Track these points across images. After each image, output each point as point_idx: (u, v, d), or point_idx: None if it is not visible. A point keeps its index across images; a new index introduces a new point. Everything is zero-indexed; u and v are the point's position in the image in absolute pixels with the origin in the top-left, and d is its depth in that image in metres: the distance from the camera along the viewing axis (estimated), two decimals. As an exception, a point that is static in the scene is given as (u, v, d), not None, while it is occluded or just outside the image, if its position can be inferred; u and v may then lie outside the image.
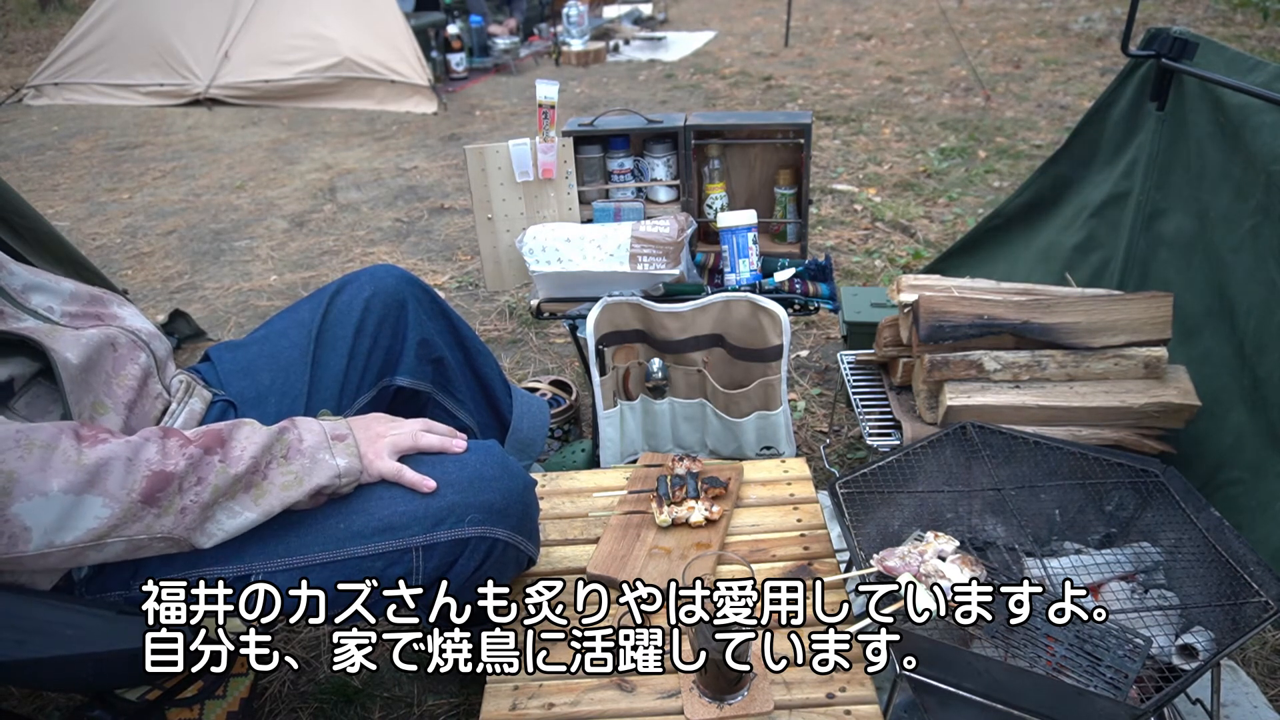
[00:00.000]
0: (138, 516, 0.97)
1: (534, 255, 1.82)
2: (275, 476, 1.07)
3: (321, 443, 1.12)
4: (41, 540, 0.92)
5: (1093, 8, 7.85)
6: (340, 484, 1.12)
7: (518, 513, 1.19)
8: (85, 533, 0.94)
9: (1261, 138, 1.63)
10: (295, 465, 1.09)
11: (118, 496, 0.95)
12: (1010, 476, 1.50)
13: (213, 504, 1.03)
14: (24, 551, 0.92)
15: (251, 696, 1.29)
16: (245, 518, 1.06)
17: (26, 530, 0.91)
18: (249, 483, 1.05)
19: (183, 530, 1.01)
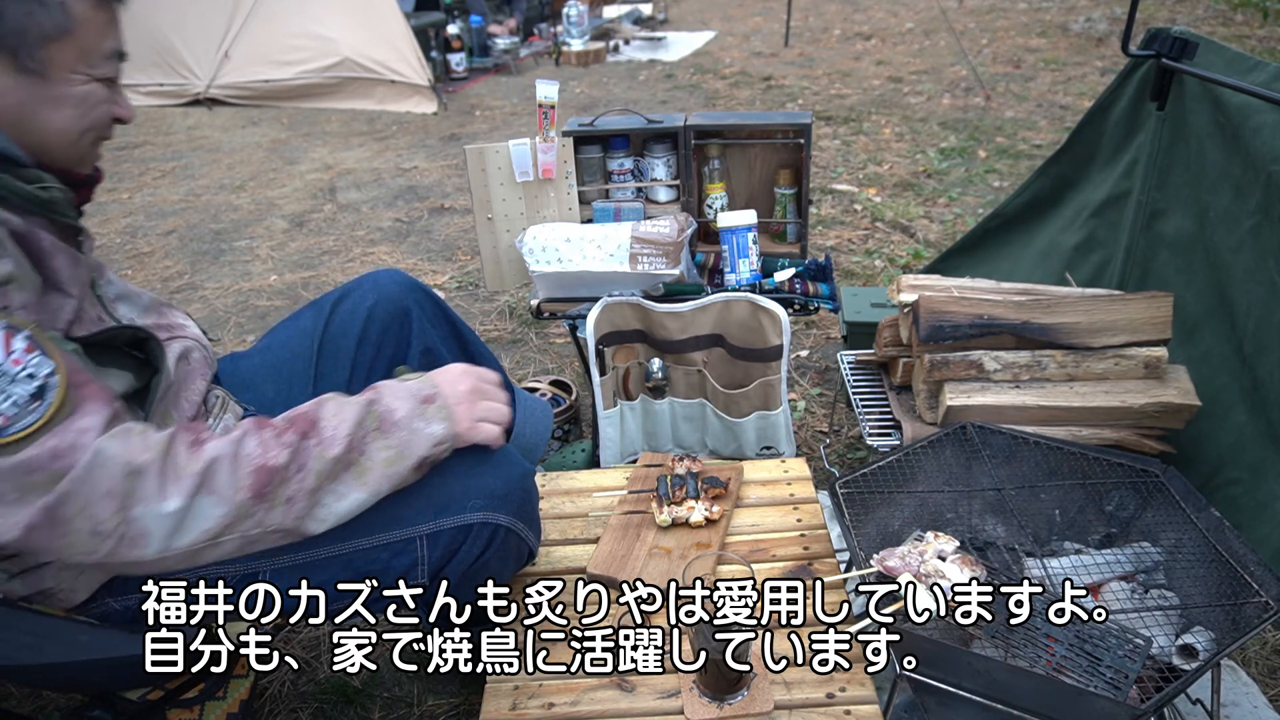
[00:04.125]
0: (249, 514, 0.98)
1: (534, 255, 1.82)
2: (375, 453, 1.06)
3: (414, 410, 1.09)
4: (160, 545, 0.94)
5: (1093, 8, 7.84)
6: (440, 451, 1.11)
7: (518, 499, 1.19)
8: (200, 534, 0.96)
9: (1261, 138, 1.63)
10: (394, 439, 1.07)
11: (227, 496, 0.96)
12: (1010, 476, 1.50)
13: (318, 489, 1.02)
14: (142, 555, 0.93)
15: (251, 697, 1.29)
16: (354, 498, 1.05)
17: (146, 535, 0.93)
18: (348, 462, 1.04)
19: (292, 520, 1.01)
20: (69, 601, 1.07)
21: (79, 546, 0.90)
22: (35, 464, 0.86)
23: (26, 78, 0.96)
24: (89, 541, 0.90)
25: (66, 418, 0.88)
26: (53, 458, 0.86)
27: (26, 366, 0.86)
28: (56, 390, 0.88)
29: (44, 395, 0.86)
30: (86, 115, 1.02)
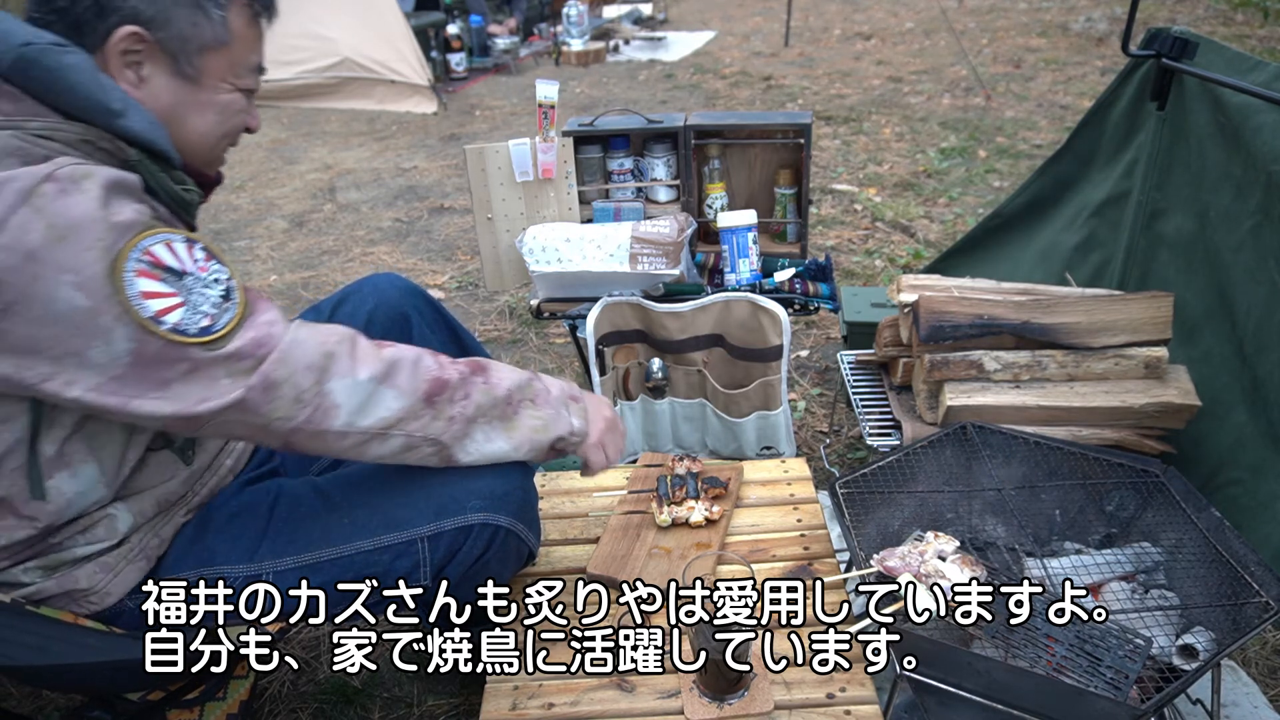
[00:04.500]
0: (418, 415, 1.07)
1: (534, 255, 1.82)
2: (525, 418, 1.17)
3: (562, 398, 1.23)
4: (345, 420, 1.03)
5: (1093, 8, 7.84)
6: (571, 441, 1.23)
7: (518, 499, 1.19)
8: (377, 420, 1.05)
9: (1262, 137, 1.63)
10: (543, 413, 1.19)
11: (406, 391, 1.06)
12: (1010, 476, 1.50)
13: (474, 419, 1.12)
14: (330, 426, 1.02)
15: (251, 698, 1.29)
16: (499, 445, 1.15)
17: (337, 407, 1.02)
18: (504, 413, 1.15)
19: (449, 437, 1.11)
20: (100, 604, 1.08)
21: (282, 410, 0.99)
22: (243, 353, 0.96)
23: (181, 82, 1.04)
24: (291, 407, 0.99)
25: (252, 314, 0.98)
26: (256, 346, 0.96)
27: (211, 272, 0.96)
28: (238, 291, 0.98)
29: (230, 296, 0.97)
30: (226, 122, 1.10)
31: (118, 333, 0.90)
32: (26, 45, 0.91)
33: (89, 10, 0.96)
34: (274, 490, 1.22)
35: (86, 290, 0.88)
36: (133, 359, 0.91)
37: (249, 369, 0.96)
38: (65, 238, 0.86)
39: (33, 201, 0.85)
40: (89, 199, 0.88)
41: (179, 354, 0.93)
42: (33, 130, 0.91)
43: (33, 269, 0.86)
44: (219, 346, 0.94)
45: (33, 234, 0.85)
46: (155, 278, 0.92)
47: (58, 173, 0.87)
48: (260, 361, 0.96)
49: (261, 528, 1.15)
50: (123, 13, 0.97)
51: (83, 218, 0.87)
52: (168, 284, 0.92)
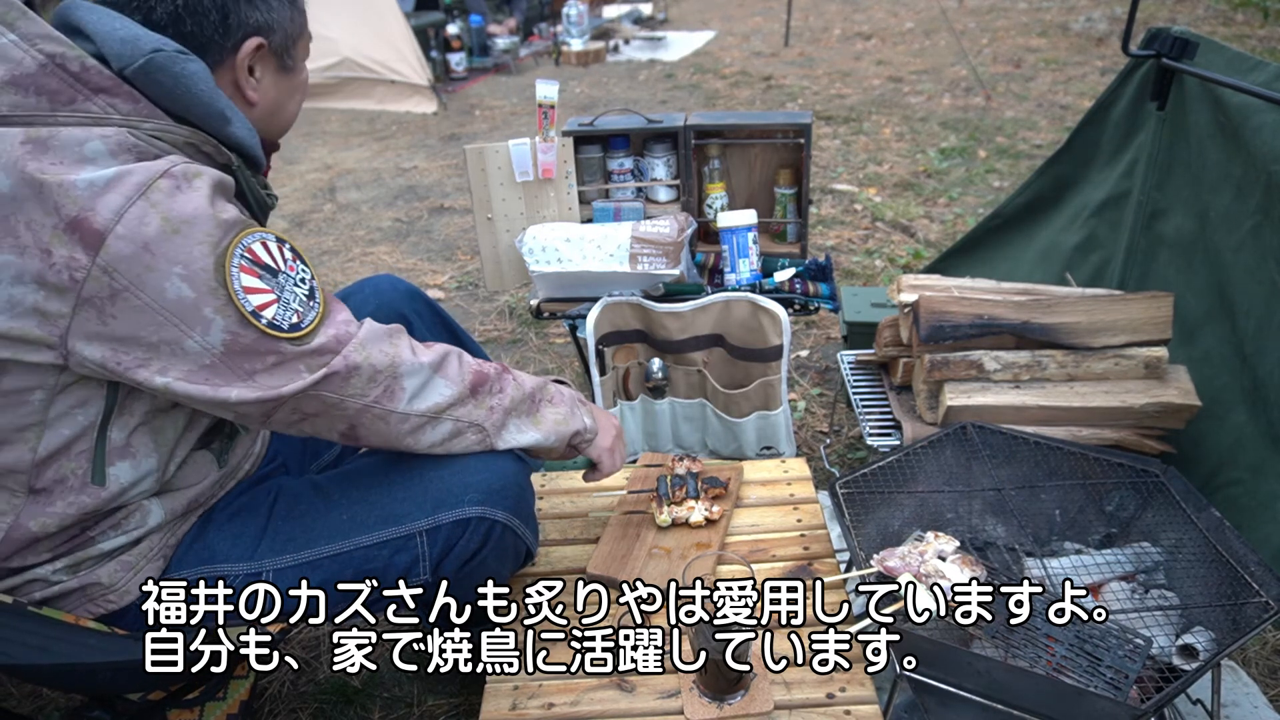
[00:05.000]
0: (465, 402, 1.16)
1: (534, 255, 1.82)
2: (547, 412, 1.27)
3: (573, 400, 1.32)
4: (407, 403, 1.10)
5: (1093, 8, 7.84)
6: (585, 437, 1.31)
7: (514, 495, 1.20)
8: (432, 405, 1.12)
9: (1262, 138, 1.63)
10: (560, 410, 1.28)
11: (455, 380, 1.15)
12: (1010, 476, 1.50)
13: (510, 410, 1.21)
14: (395, 408, 1.09)
15: (251, 698, 1.29)
16: (530, 434, 1.23)
17: (403, 390, 1.10)
18: (529, 408, 1.25)
19: (490, 425, 1.19)
20: (119, 601, 1.09)
21: (357, 389, 1.06)
22: (325, 348, 1.02)
23: (284, 75, 1.11)
24: (366, 386, 1.06)
25: (331, 313, 1.05)
26: (336, 342, 1.03)
27: (298, 271, 1.02)
28: (319, 290, 1.04)
29: (314, 295, 1.03)
30: (304, 97, 1.18)
31: (217, 324, 0.95)
32: (156, 52, 0.95)
33: (216, 31, 1.01)
34: (274, 489, 1.22)
35: (193, 282, 0.92)
36: (225, 349, 0.96)
37: (327, 362, 1.03)
38: (179, 231, 0.91)
39: (150, 195, 0.90)
40: (200, 196, 0.93)
41: (270, 347, 0.98)
42: (146, 130, 0.95)
43: (146, 259, 0.90)
44: (305, 342, 1.00)
45: (149, 226, 0.90)
46: (255, 274, 0.97)
47: (173, 169, 0.92)
48: (339, 352, 1.03)
49: (261, 526, 1.16)
50: (246, 28, 1.02)
51: (195, 213, 0.92)
52: (265, 280, 0.98)
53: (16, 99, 0.90)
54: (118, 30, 0.95)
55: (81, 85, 0.92)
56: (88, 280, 0.90)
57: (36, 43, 0.91)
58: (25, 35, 0.91)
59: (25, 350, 0.93)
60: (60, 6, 0.98)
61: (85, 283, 0.90)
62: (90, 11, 0.96)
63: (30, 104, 0.91)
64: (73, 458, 1.01)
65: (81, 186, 0.89)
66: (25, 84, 0.90)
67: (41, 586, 1.06)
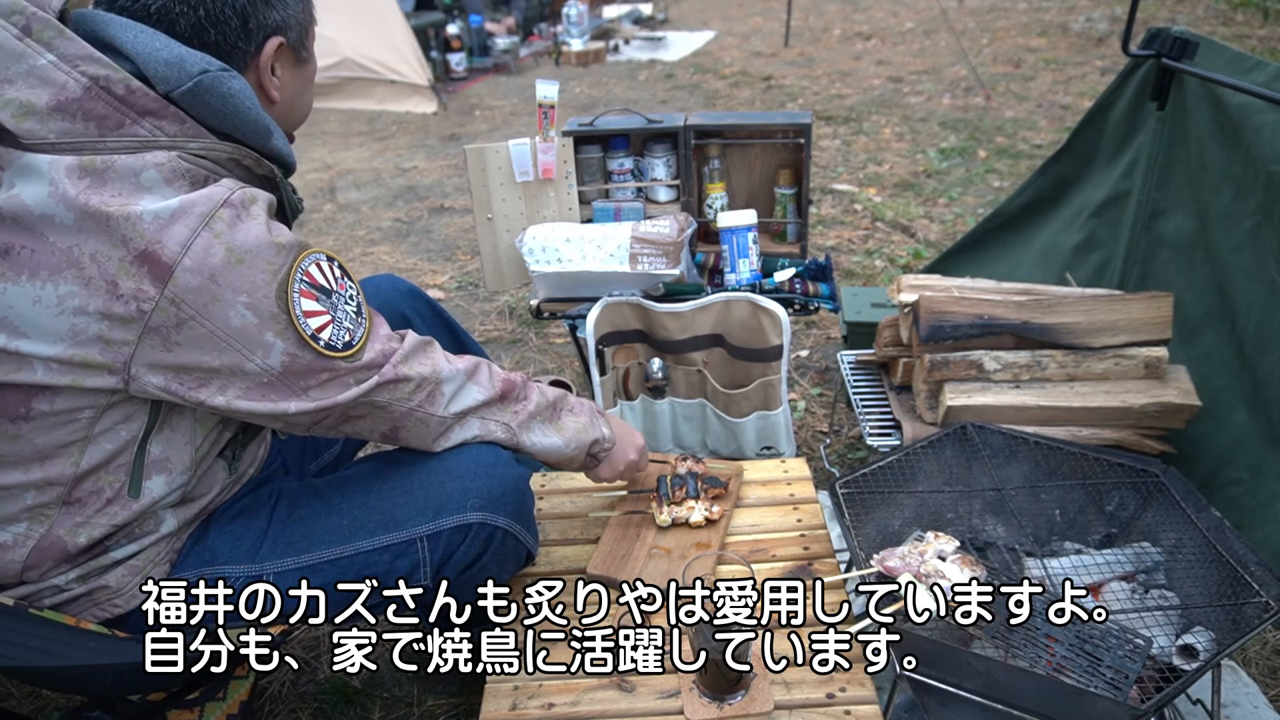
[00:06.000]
0: (495, 406, 1.22)
1: (534, 255, 1.82)
2: (568, 421, 1.31)
3: (592, 411, 1.36)
4: (445, 406, 1.16)
5: (1093, 8, 7.84)
6: (604, 446, 1.36)
7: (514, 500, 1.20)
8: (466, 407, 1.18)
9: (1262, 137, 1.63)
10: (581, 419, 1.33)
11: (486, 387, 1.21)
12: (1010, 476, 1.50)
13: (534, 415, 1.27)
14: (436, 411, 1.15)
15: (251, 698, 1.29)
16: (553, 440, 1.29)
17: (443, 395, 1.15)
18: (551, 415, 1.29)
19: (516, 425, 1.25)
20: (125, 605, 1.09)
21: (404, 393, 1.10)
22: (373, 363, 1.06)
23: (299, 67, 1.10)
24: (413, 393, 1.11)
25: (375, 327, 1.09)
26: (383, 356, 1.07)
27: (348, 289, 1.05)
28: (364, 306, 1.08)
29: (361, 311, 1.07)
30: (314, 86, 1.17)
31: (277, 347, 0.98)
32: (204, 74, 0.95)
33: (239, 37, 1.00)
34: (274, 492, 1.22)
35: (256, 309, 0.95)
36: (284, 370, 0.99)
37: (371, 375, 1.06)
38: (243, 261, 0.93)
39: (213, 225, 0.91)
40: (259, 224, 0.95)
41: (325, 365, 1.02)
42: (193, 150, 0.95)
43: (213, 289, 0.92)
44: (356, 359, 1.04)
45: (215, 257, 0.91)
46: (313, 297, 1.00)
47: (232, 198, 0.93)
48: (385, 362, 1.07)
49: (262, 529, 1.16)
50: (266, 29, 1.02)
51: (256, 242, 0.94)
52: (321, 302, 1.01)
53: (64, 125, 0.89)
54: (160, 51, 0.94)
55: (128, 109, 0.92)
56: (155, 311, 0.91)
57: (78, 64, 0.90)
58: (65, 56, 0.89)
59: (86, 376, 0.94)
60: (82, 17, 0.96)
61: (153, 313, 0.91)
62: (123, 29, 0.94)
63: (78, 130, 0.90)
64: (111, 471, 1.02)
65: (148, 219, 0.89)
66: (72, 109, 0.89)
67: (53, 593, 1.06)
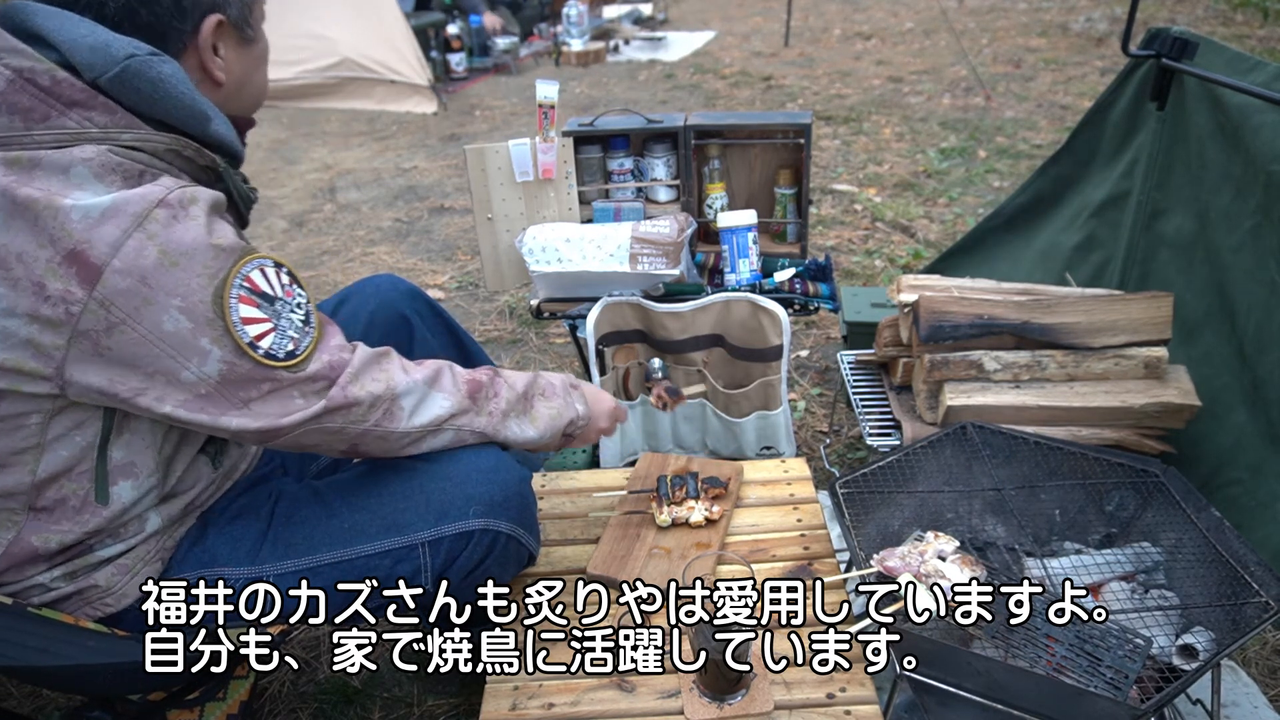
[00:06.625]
0: (464, 410, 1.17)
1: (534, 255, 1.82)
2: (541, 409, 1.27)
3: (565, 388, 1.32)
4: (407, 421, 1.11)
5: (1093, 8, 7.84)
6: (579, 424, 1.32)
7: (517, 505, 1.20)
8: (432, 418, 1.13)
9: (1261, 137, 1.63)
10: (554, 403, 1.29)
11: (451, 393, 1.16)
12: (1010, 476, 1.50)
13: (507, 413, 1.22)
14: (396, 427, 1.10)
15: (251, 698, 1.29)
16: (529, 433, 1.25)
17: (402, 410, 1.10)
18: (524, 407, 1.25)
19: (490, 429, 1.20)
20: (116, 605, 1.08)
21: (356, 416, 1.06)
22: (320, 375, 1.02)
23: (245, 47, 1.06)
24: (366, 413, 1.07)
25: (325, 337, 1.05)
26: (330, 368, 1.03)
27: (295, 296, 1.01)
28: (314, 315, 1.04)
29: (309, 320, 1.02)
30: (267, 66, 1.13)
31: (213, 354, 0.94)
32: (130, 58, 0.91)
33: (173, 16, 0.96)
34: (273, 492, 1.22)
35: (190, 314, 0.91)
36: (221, 379, 0.96)
37: (322, 389, 1.02)
38: (177, 264, 0.90)
39: (147, 226, 0.88)
40: (197, 225, 0.91)
41: (265, 375, 0.98)
42: (124, 143, 0.91)
43: (144, 292, 0.89)
44: (300, 369, 1.00)
45: (147, 259, 0.88)
46: (253, 304, 0.96)
47: (169, 197, 0.90)
48: (334, 380, 1.03)
49: (262, 530, 1.16)
50: (201, 7, 0.98)
51: (193, 244, 0.91)
52: (263, 309, 0.97)
53: None
54: (85, 37, 0.90)
55: (54, 100, 0.89)
56: (84, 314, 0.88)
57: (1, 58, 0.87)
58: None
59: (21, 381, 0.92)
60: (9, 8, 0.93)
61: (81, 316, 0.88)
62: (48, 17, 0.91)
63: (3, 124, 0.87)
64: (74, 478, 1.00)
65: (77, 218, 0.86)
66: None
67: (40, 592, 1.05)
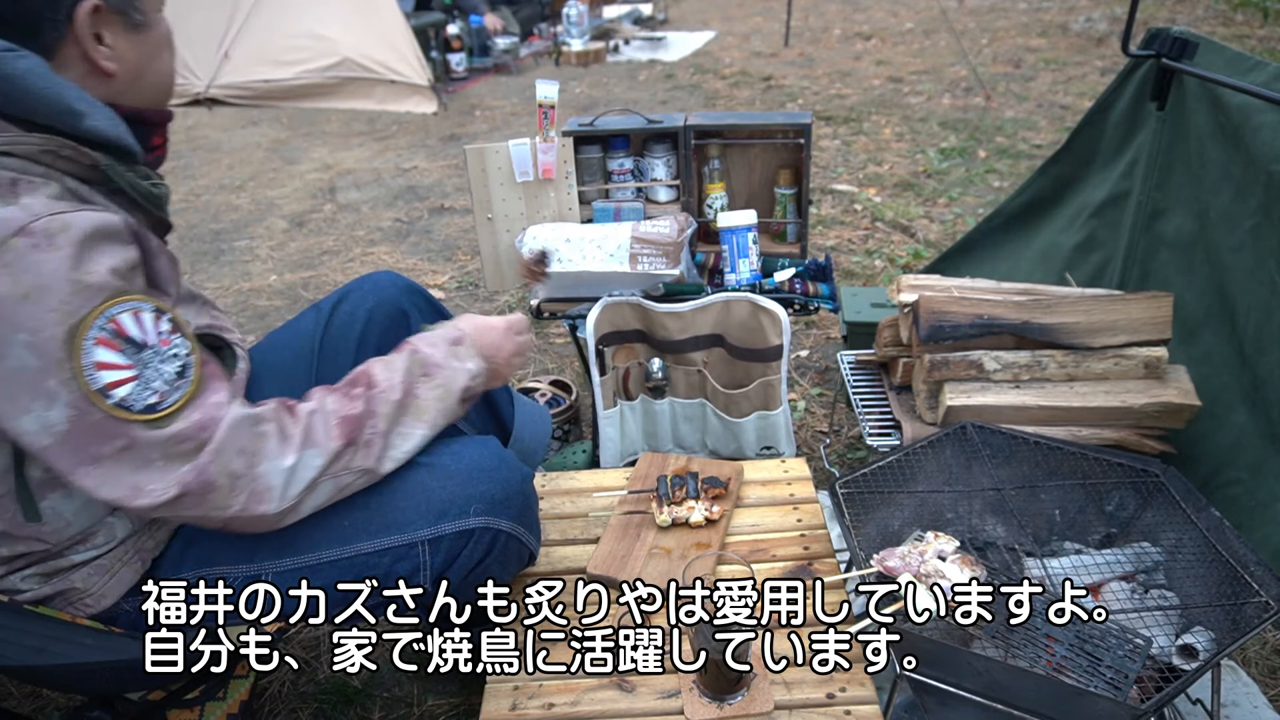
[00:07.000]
0: (340, 457, 1.07)
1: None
2: (426, 394, 1.16)
3: (448, 351, 1.20)
4: (279, 497, 1.02)
5: (1093, 8, 7.84)
6: (477, 383, 1.21)
7: (518, 504, 1.19)
8: (306, 482, 1.04)
9: (1261, 137, 1.63)
10: (438, 379, 1.17)
11: (324, 446, 1.05)
12: (1010, 476, 1.50)
13: (389, 432, 1.12)
14: (267, 510, 1.01)
15: (251, 698, 1.29)
16: (418, 435, 1.14)
17: (270, 489, 1.01)
18: (406, 405, 1.14)
19: (373, 461, 1.10)
20: (96, 605, 1.08)
21: (217, 502, 0.97)
22: (185, 435, 0.94)
23: (135, 34, 0.99)
24: (226, 497, 0.98)
25: (202, 394, 0.96)
26: (199, 429, 0.95)
27: (172, 346, 0.94)
28: (194, 368, 0.96)
29: (185, 373, 0.95)
30: (172, 49, 1.06)
31: (61, 398, 0.87)
32: None
33: (43, 5, 0.90)
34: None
35: (38, 351, 0.85)
36: (70, 427, 0.89)
37: (187, 453, 0.94)
38: (29, 296, 0.84)
39: (3, 254, 0.83)
40: (60, 257, 0.85)
41: (118, 429, 0.90)
42: None
43: None
44: (161, 426, 0.92)
45: None
46: (115, 348, 0.89)
47: (33, 225, 0.84)
48: (200, 446, 0.94)
49: None
50: None
51: (50, 278, 0.84)
52: (125, 355, 0.90)
53: None
54: None
55: None
56: None
57: None
58: None
59: None
60: None
61: None
62: None
63: None
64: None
65: None
66: None
67: (16, 593, 1.04)
